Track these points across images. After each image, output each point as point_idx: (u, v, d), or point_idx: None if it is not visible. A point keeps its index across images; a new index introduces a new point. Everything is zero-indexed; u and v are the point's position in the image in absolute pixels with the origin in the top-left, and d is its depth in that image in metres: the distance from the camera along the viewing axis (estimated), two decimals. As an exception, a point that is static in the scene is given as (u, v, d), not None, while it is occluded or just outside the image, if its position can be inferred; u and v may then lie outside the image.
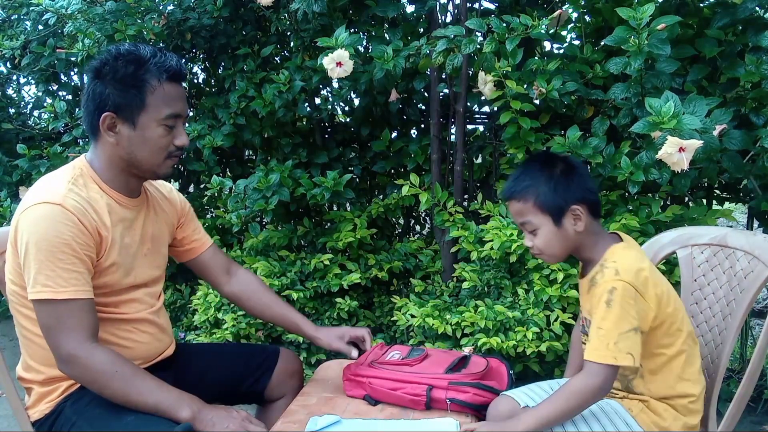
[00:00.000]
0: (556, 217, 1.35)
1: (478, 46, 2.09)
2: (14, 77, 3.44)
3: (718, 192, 2.48)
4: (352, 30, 2.41)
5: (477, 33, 2.21)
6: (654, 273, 1.35)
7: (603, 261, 1.35)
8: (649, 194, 2.23)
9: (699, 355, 1.41)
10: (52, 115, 2.97)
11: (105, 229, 1.31)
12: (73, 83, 3.37)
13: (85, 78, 1.35)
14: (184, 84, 1.38)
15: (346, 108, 2.89)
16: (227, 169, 3.10)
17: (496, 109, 2.29)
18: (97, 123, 1.30)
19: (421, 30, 2.58)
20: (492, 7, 2.55)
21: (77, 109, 3.10)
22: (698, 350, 1.41)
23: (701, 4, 2.20)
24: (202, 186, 3.17)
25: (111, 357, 1.25)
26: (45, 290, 1.20)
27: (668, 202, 2.35)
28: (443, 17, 2.54)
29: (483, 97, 2.28)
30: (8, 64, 3.33)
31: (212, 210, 3.06)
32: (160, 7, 2.58)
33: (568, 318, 2.05)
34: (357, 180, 2.83)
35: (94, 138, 1.35)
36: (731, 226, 2.09)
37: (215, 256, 1.65)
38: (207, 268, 1.64)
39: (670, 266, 1.98)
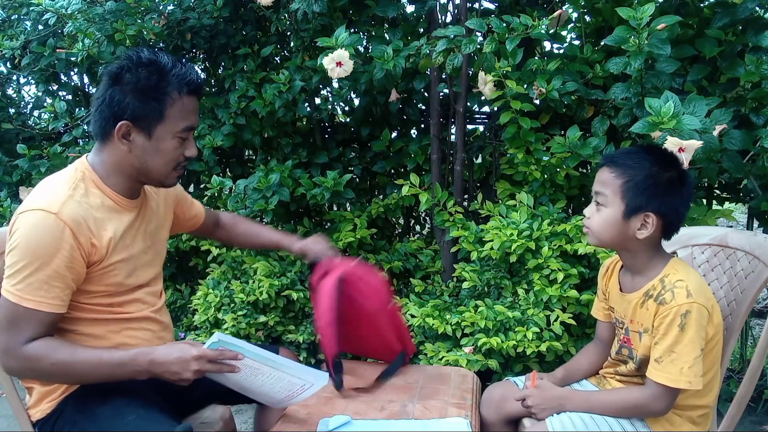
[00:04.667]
0: (629, 210, 1.31)
1: (478, 46, 2.09)
2: (14, 77, 3.44)
3: (718, 192, 2.48)
4: (352, 30, 2.41)
5: (477, 33, 2.21)
6: (713, 297, 1.34)
7: (663, 277, 1.32)
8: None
9: (721, 374, 1.41)
10: (52, 115, 2.97)
11: (104, 236, 1.31)
12: (73, 83, 3.37)
13: (99, 82, 1.36)
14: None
15: (346, 108, 2.89)
16: (227, 169, 3.10)
17: (496, 109, 2.29)
18: (111, 129, 1.30)
19: (421, 30, 2.57)
20: (492, 7, 2.55)
21: (77, 109, 3.10)
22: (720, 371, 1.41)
23: (701, 4, 2.20)
24: (202, 186, 3.17)
25: (43, 350, 1.24)
26: (14, 291, 1.22)
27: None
28: (443, 17, 2.53)
29: (483, 97, 2.28)
30: (8, 64, 3.33)
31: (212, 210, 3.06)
32: (160, 7, 2.58)
33: (568, 318, 2.05)
34: (357, 180, 2.82)
35: (103, 141, 1.35)
36: (731, 226, 2.09)
37: (208, 218, 1.76)
38: (205, 230, 1.78)
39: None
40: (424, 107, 2.76)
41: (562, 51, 2.50)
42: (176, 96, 1.30)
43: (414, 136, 2.83)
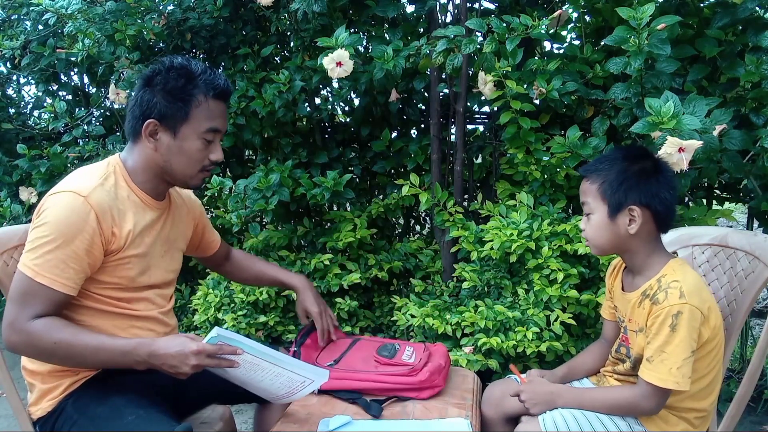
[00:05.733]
0: (613, 210, 1.33)
1: (478, 46, 2.09)
2: (14, 77, 3.44)
3: (718, 192, 2.48)
4: (352, 30, 2.41)
5: (477, 33, 2.21)
6: (713, 299, 1.34)
7: (660, 277, 1.33)
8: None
9: (721, 377, 1.41)
10: (52, 115, 2.97)
11: (124, 227, 1.34)
12: (73, 83, 3.37)
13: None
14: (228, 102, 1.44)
15: (346, 108, 2.89)
16: (227, 169, 3.10)
17: (496, 109, 2.29)
18: (140, 128, 1.36)
19: (421, 30, 2.58)
20: (492, 7, 2.55)
21: (77, 109, 3.10)
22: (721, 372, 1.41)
23: (701, 4, 2.20)
24: (202, 186, 3.17)
25: (47, 328, 1.24)
26: (30, 266, 1.24)
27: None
28: (443, 17, 2.54)
29: (483, 97, 2.28)
30: (8, 64, 3.33)
31: (212, 210, 3.06)
32: (160, 7, 2.58)
33: (568, 318, 2.05)
34: (357, 180, 2.83)
35: (134, 141, 1.41)
36: (731, 226, 2.09)
37: (222, 249, 1.77)
38: (216, 260, 1.78)
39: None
40: (424, 107, 2.76)
41: (562, 51, 2.50)
42: (202, 98, 1.35)
43: (414, 136, 2.83)
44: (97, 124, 3.08)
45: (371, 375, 1.57)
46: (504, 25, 2.05)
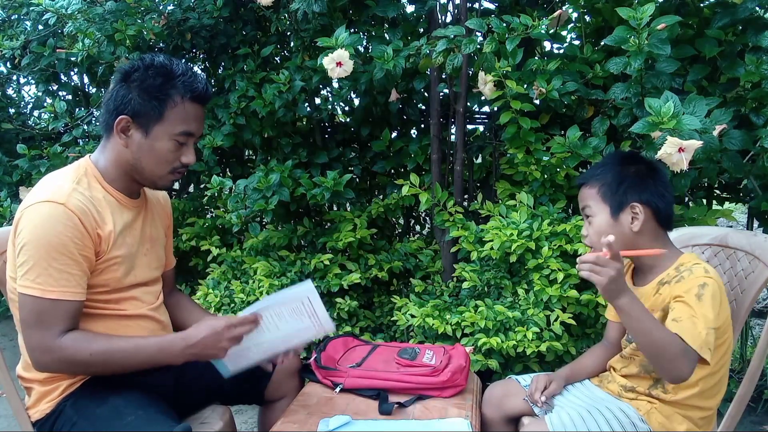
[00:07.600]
0: (615, 210, 1.37)
1: (478, 46, 2.09)
2: (14, 77, 3.44)
3: (718, 192, 2.48)
4: (352, 30, 2.41)
5: (477, 33, 2.21)
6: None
7: (679, 265, 1.35)
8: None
9: (727, 378, 1.41)
10: (52, 115, 2.97)
11: (106, 228, 1.33)
12: (73, 83, 3.37)
13: (110, 80, 1.38)
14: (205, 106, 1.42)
15: (346, 108, 2.89)
16: (227, 169, 3.10)
17: (496, 109, 2.29)
18: (112, 123, 1.34)
19: (421, 30, 2.58)
20: (492, 7, 2.55)
21: (77, 109, 3.10)
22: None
23: (701, 4, 2.20)
24: (202, 186, 3.17)
25: (80, 341, 1.25)
26: (34, 286, 1.23)
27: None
28: (443, 17, 2.54)
29: (483, 97, 2.28)
30: (8, 64, 3.33)
31: (212, 210, 3.06)
32: (160, 7, 2.58)
33: (568, 318, 2.05)
34: (357, 180, 2.83)
35: (106, 137, 1.39)
36: (731, 226, 2.09)
37: (169, 277, 1.66)
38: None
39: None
40: (424, 107, 2.76)
41: (562, 51, 2.50)
42: (178, 99, 1.33)
43: (414, 136, 2.83)
44: (97, 124, 3.08)
45: (394, 375, 1.61)
46: (504, 25, 2.05)
